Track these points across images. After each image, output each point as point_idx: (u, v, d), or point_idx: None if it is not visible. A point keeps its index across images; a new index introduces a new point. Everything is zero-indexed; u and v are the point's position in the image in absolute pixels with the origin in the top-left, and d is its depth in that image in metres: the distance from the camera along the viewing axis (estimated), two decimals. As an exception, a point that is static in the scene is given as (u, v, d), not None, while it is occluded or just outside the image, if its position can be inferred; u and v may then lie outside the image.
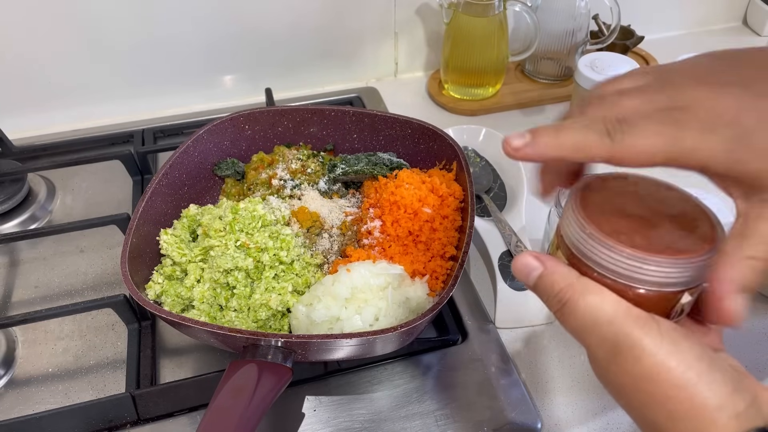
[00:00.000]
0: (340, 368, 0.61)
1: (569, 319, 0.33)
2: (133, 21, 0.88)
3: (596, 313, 0.32)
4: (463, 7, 0.89)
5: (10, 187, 0.81)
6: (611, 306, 0.32)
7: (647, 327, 0.31)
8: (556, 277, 0.34)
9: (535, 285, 0.36)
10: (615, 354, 0.32)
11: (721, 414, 0.30)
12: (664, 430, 0.31)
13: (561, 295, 0.34)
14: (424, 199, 0.65)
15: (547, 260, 0.35)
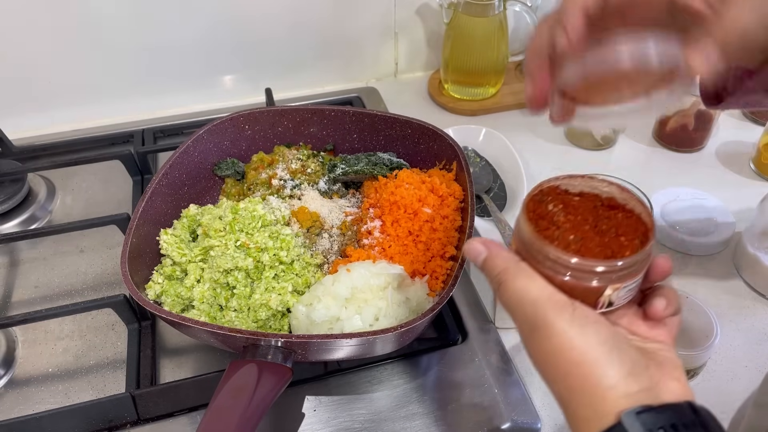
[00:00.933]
0: (340, 368, 0.61)
1: (503, 296, 0.39)
2: (133, 21, 0.88)
3: (523, 294, 0.37)
4: (463, 7, 0.89)
5: (10, 187, 0.81)
6: (537, 290, 0.37)
7: (562, 311, 0.36)
8: (497, 261, 0.40)
9: (482, 266, 0.41)
10: (532, 331, 0.37)
11: (611, 392, 0.34)
12: (565, 400, 0.36)
13: (499, 276, 0.39)
14: (424, 199, 0.65)
15: (492, 246, 0.41)
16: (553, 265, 0.37)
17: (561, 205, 0.41)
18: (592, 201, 0.41)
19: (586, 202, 0.41)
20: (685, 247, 0.74)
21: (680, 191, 0.80)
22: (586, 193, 0.42)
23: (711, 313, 0.60)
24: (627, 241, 0.39)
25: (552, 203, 0.41)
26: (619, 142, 0.92)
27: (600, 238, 0.39)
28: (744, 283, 0.71)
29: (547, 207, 0.41)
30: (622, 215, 0.40)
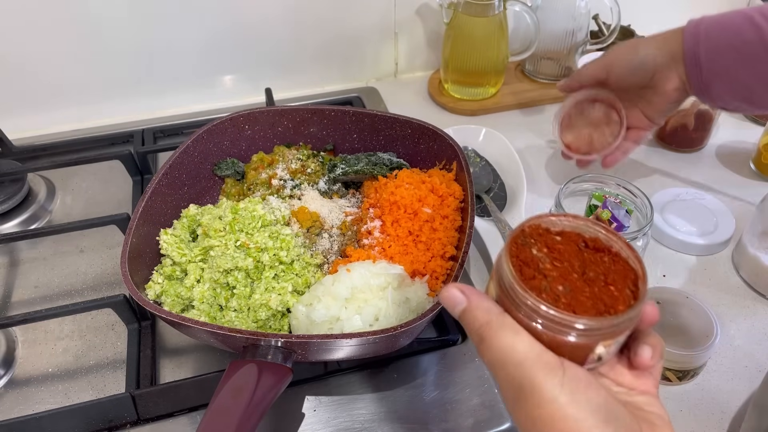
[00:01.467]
0: (340, 368, 0.61)
1: (485, 354, 0.35)
2: (133, 21, 0.88)
3: (508, 353, 0.33)
4: (463, 7, 0.89)
5: (10, 187, 0.81)
6: (523, 348, 0.33)
7: (551, 374, 0.32)
8: (477, 313, 0.35)
9: (460, 318, 0.37)
10: (518, 394, 0.33)
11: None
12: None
13: (480, 331, 0.35)
14: (424, 199, 0.65)
15: (471, 295, 0.37)
16: (544, 322, 0.34)
17: (545, 249, 0.38)
18: (576, 242, 0.39)
19: (570, 244, 0.39)
20: (685, 247, 0.74)
21: (680, 191, 0.80)
22: (569, 233, 0.39)
23: (711, 313, 0.60)
24: (617, 291, 0.36)
25: (536, 246, 0.38)
26: (619, 142, 0.92)
27: (590, 288, 0.36)
28: (744, 283, 0.71)
29: (531, 251, 0.38)
30: (608, 259, 0.38)
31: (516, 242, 0.38)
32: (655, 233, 0.76)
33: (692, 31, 0.60)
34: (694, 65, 0.59)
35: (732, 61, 0.57)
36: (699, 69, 0.59)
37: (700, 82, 0.60)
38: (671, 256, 0.74)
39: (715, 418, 0.58)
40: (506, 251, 0.37)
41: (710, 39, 0.58)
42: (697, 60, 0.59)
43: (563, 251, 0.38)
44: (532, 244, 0.38)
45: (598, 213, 0.65)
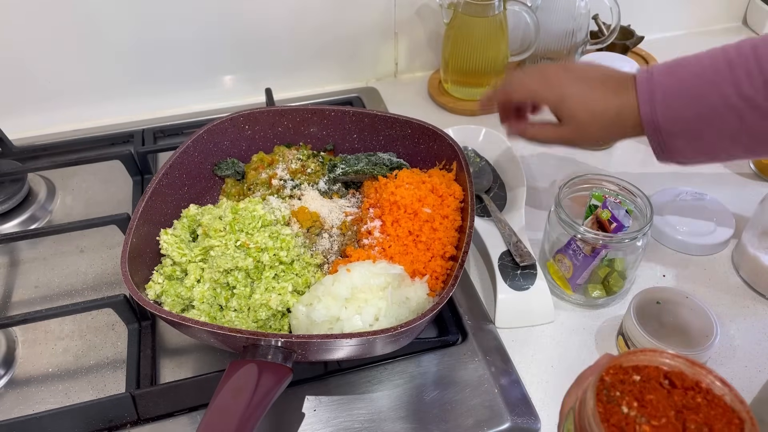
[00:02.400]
0: (340, 368, 0.61)
1: None
2: (133, 21, 0.88)
3: None
4: (463, 7, 0.89)
5: (10, 187, 0.81)
6: None
7: None
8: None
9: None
10: None
11: None
12: None
13: None
14: (424, 199, 0.65)
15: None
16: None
17: (635, 403, 0.33)
18: (657, 379, 0.34)
19: (652, 383, 0.34)
20: (685, 247, 0.74)
21: (680, 191, 0.80)
22: (646, 369, 0.34)
23: (711, 313, 0.60)
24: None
25: (624, 401, 0.33)
26: (619, 142, 0.92)
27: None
28: (744, 283, 0.71)
29: (621, 410, 0.33)
30: (702, 400, 0.33)
31: (601, 401, 0.33)
32: (655, 233, 0.76)
33: (647, 98, 0.57)
34: (653, 130, 0.58)
35: (694, 126, 0.56)
36: (659, 134, 0.58)
37: (660, 145, 0.59)
38: (671, 256, 0.74)
39: (715, 418, 0.58)
40: (591, 413, 0.32)
41: (669, 108, 0.56)
42: (656, 126, 0.57)
43: (653, 401, 0.33)
44: (618, 399, 0.33)
45: (598, 213, 0.65)
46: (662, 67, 0.58)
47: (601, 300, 0.68)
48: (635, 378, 0.34)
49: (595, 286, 0.67)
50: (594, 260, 0.64)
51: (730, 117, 0.54)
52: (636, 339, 0.60)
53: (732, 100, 0.54)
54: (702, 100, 0.55)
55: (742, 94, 0.53)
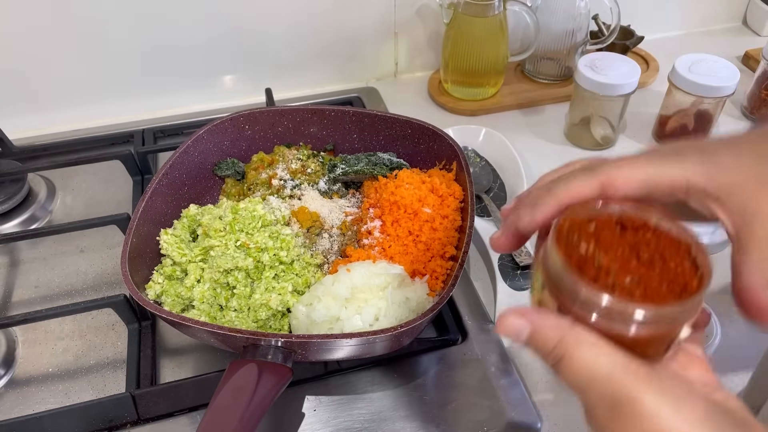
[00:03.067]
0: (340, 368, 0.61)
1: (566, 376, 0.31)
2: (133, 21, 0.88)
3: (593, 369, 0.30)
4: (463, 7, 0.89)
5: (10, 187, 0.81)
6: (607, 360, 0.30)
7: (647, 383, 0.30)
8: (547, 332, 0.32)
9: (528, 344, 0.33)
10: (614, 413, 0.30)
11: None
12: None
13: (555, 352, 0.31)
14: (424, 199, 0.65)
15: (532, 315, 0.33)
16: (622, 321, 0.31)
17: (592, 243, 0.34)
18: (611, 226, 0.35)
19: (611, 231, 0.35)
20: (685, 247, 0.74)
21: None
22: (601, 219, 0.36)
23: (711, 313, 0.60)
24: (680, 265, 0.33)
25: (582, 243, 0.35)
26: (619, 142, 0.92)
27: (652, 271, 0.33)
28: (744, 283, 0.71)
29: (579, 249, 0.34)
30: (653, 237, 0.35)
31: (562, 244, 0.34)
32: (655, 233, 0.76)
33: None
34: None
35: None
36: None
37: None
38: (671, 256, 0.74)
39: (715, 418, 0.58)
40: (557, 246, 0.34)
41: None
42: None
43: (608, 240, 0.35)
44: (576, 242, 0.35)
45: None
46: None
47: (601, 300, 0.67)
48: (590, 225, 0.36)
49: (595, 286, 0.67)
50: (594, 260, 0.63)
51: None
52: (636, 339, 0.60)
53: None
54: None
55: None
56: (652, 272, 0.33)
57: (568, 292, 0.33)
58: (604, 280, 0.32)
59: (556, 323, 0.32)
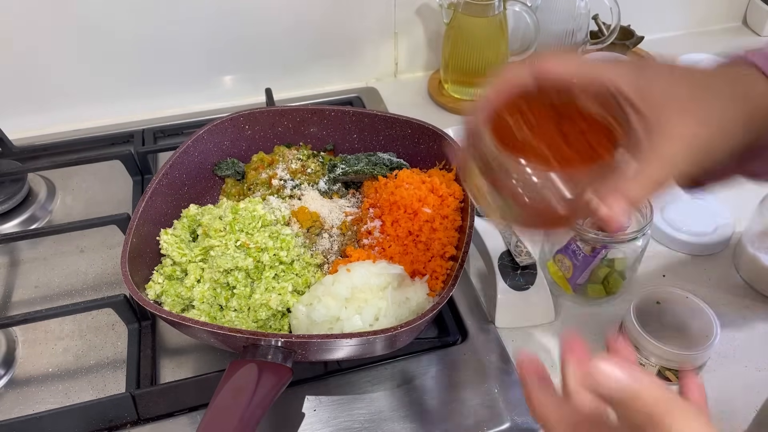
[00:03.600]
0: (340, 368, 0.61)
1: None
2: (133, 21, 0.88)
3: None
4: (463, 7, 0.89)
5: (10, 187, 0.81)
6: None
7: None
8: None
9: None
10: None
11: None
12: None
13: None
14: (424, 199, 0.65)
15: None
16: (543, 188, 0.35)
17: (522, 122, 0.38)
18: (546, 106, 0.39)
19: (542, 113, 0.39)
20: (685, 247, 0.74)
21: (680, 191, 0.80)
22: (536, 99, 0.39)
23: (711, 313, 0.60)
24: (593, 139, 0.37)
25: (512, 121, 0.38)
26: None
27: (570, 145, 0.37)
28: (744, 283, 0.71)
29: (507, 125, 0.38)
30: (574, 114, 0.39)
31: (492, 124, 0.38)
32: (655, 233, 0.76)
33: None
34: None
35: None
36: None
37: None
38: (671, 256, 0.74)
39: (715, 418, 0.58)
40: (490, 135, 0.37)
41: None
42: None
43: (538, 120, 0.39)
44: (507, 122, 0.38)
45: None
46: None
47: (601, 300, 0.68)
48: (517, 107, 0.39)
49: (595, 286, 0.67)
50: (594, 260, 0.64)
51: None
52: (636, 339, 0.60)
53: None
54: None
55: None
56: (570, 146, 0.37)
57: (497, 167, 0.36)
58: (528, 154, 0.36)
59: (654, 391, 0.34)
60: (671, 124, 0.38)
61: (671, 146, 0.38)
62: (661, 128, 0.38)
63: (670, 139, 0.38)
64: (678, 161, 0.38)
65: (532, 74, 0.40)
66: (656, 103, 0.38)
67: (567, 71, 0.40)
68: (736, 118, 0.40)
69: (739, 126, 0.40)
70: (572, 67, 0.40)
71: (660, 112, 0.38)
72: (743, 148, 0.41)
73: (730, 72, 0.41)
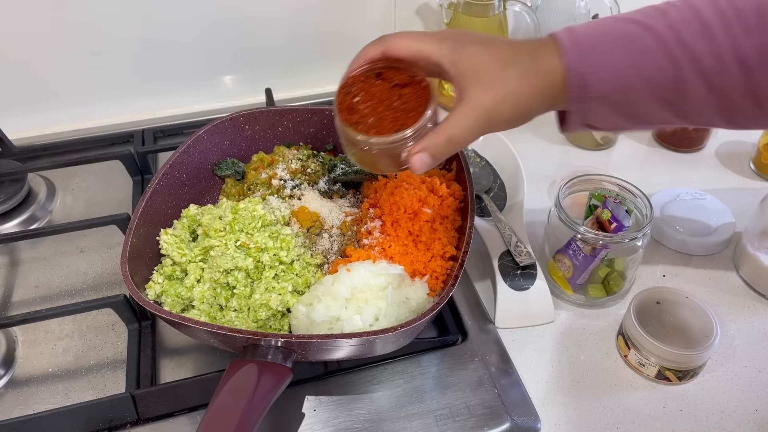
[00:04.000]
0: (340, 368, 0.61)
1: None
2: (134, 21, 0.88)
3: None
4: (463, 7, 0.89)
5: (10, 187, 0.81)
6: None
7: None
8: None
9: None
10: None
11: None
12: None
13: None
14: (424, 200, 0.65)
15: None
16: (364, 145, 0.50)
17: (362, 93, 0.52)
18: (391, 81, 0.52)
19: (385, 84, 0.52)
20: (685, 247, 0.74)
21: (680, 191, 0.80)
22: (387, 74, 0.52)
23: (711, 313, 0.61)
24: (416, 112, 0.50)
25: (358, 96, 0.52)
26: (619, 142, 0.92)
27: (393, 115, 0.50)
28: (744, 283, 0.71)
29: (353, 99, 0.52)
30: (411, 91, 0.51)
31: (341, 92, 0.52)
32: (655, 233, 0.76)
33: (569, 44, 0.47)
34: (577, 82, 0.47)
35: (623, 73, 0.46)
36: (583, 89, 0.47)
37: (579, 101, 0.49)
38: (671, 256, 0.74)
39: (715, 417, 0.58)
40: (336, 108, 0.52)
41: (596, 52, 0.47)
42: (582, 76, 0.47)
43: (377, 92, 0.52)
44: (354, 93, 0.52)
45: (598, 213, 0.65)
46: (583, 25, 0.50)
47: (601, 300, 0.68)
48: (375, 83, 0.52)
49: (595, 286, 0.67)
50: (594, 260, 0.64)
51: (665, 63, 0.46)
52: (636, 339, 0.60)
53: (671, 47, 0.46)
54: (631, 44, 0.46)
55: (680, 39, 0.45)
56: (392, 115, 0.50)
57: (342, 133, 0.52)
58: (360, 122, 0.50)
59: None
60: (470, 93, 0.48)
61: (466, 111, 0.48)
62: (463, 96, 0.48)
63: (467, 105, 0.48)
64: (469, 124, 0.49)
65: (382, 52, 0.52)
66: (464, 75, 0.48)
67: (407, 48, 0.51)
68: (532, 90, 0.48)
69: (535, 96, 0.48)
70: (411, 43, 0.51)
71: (466, 83, 0.48)
72: (544, 110, 0.51)
73: (539, 49, 0.48)
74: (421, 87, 0.51)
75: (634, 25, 0.46)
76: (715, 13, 0.44)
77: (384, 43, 0.52)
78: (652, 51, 0.45)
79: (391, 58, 0.52)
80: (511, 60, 0.48)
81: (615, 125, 0.51)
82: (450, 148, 0.50)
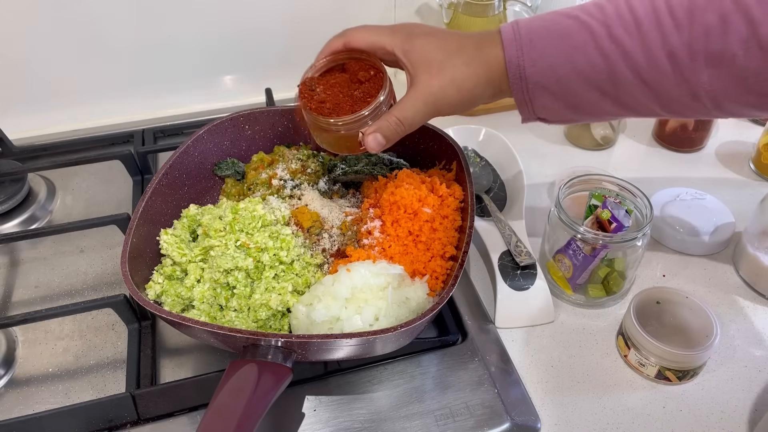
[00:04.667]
0: (340, 368, 0.61)
1: None
2: (134, 21, 0.88)
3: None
4: (463, 7, 0.89)
5: (10, 187, 0.81)
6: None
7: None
8: None
9: None
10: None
11: None
12: None
13: None
14: (424, 199, 0.65)
15: None
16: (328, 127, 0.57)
17: (322, 86, 0.59)
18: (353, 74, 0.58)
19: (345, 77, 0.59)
20: (685, 247, 0.74)
21: (680, 191, 0.80)
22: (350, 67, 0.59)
23: (711, 313, 0.61)
24: (366, 95, 0.56)
25: (319, 87, 0.59)
26: (619, 142, 0.92)
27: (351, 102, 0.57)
28: (744, 283, 0.71)
29: (316, 90, 0.58)
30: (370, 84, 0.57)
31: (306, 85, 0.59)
32: (655, 233, 0.76)
33: (511, 37, 0.51)
34: (518, 75, 0.51)
35: (561, 68, 0.49)
36: (524, 81, 0.51)
37: (524, 94, 0.52)
38: (671, 256, 0.74)
39: (715, 417, 0.58)
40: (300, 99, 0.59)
41: (534, 47, 0.50)
42: (521, 70, 0.50)
43: (337, 84, 0.59)
44: (317, 85, 0.59)
45: (598, 213, 0.65)
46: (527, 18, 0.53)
47: (601, 300, 0.68)
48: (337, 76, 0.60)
49: (595, 286, 0.67)
50: (594, 260, 0.64)
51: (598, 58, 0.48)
52: (636, 339, 0.60)
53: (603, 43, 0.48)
54: (568, 38, 0.49)
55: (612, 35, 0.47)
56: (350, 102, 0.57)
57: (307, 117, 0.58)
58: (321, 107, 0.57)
59: None
60: (419, 79, 0.53)
61: (415, 95, 0.53)
62: (413, 81, 0.53)
63: (416, 90, 0.53)
64: (418, 107, 0.54)
65: (343, 43, 0.58)
66: (415, 63, 0.53)
67: (364, 39, 0.56)
68: (475, 77, 0.52)
69: (479, 83, 0.52)
70: (368, 35, 0.56)
71: (416, 70, 0.53)
72: (491, 96, 0.54)
73: (484, 41, 0.52)
74: (378, 78, 0.56)
75: (572, 21, 0.49)
76: (649, 9, 0.46)
77: (345, 35, 0.58)
78: (585, 46, 0.48)
79: (352, 49, 0.58)
80: (458, 50, 0.53)
81: (563, 116, 0.54)
82: (400, 128, 0.55)
